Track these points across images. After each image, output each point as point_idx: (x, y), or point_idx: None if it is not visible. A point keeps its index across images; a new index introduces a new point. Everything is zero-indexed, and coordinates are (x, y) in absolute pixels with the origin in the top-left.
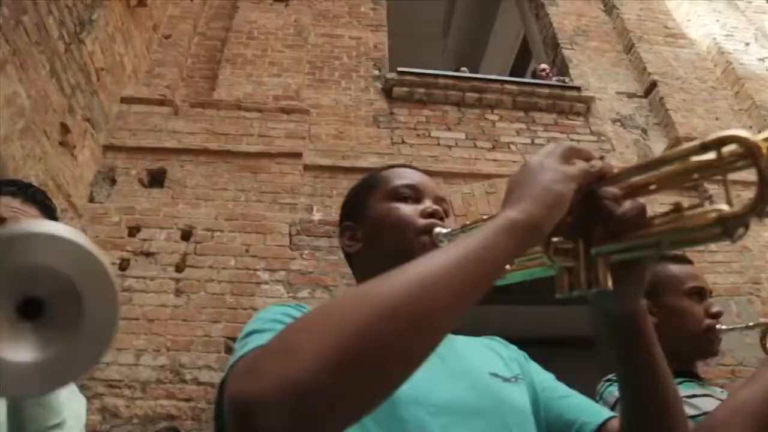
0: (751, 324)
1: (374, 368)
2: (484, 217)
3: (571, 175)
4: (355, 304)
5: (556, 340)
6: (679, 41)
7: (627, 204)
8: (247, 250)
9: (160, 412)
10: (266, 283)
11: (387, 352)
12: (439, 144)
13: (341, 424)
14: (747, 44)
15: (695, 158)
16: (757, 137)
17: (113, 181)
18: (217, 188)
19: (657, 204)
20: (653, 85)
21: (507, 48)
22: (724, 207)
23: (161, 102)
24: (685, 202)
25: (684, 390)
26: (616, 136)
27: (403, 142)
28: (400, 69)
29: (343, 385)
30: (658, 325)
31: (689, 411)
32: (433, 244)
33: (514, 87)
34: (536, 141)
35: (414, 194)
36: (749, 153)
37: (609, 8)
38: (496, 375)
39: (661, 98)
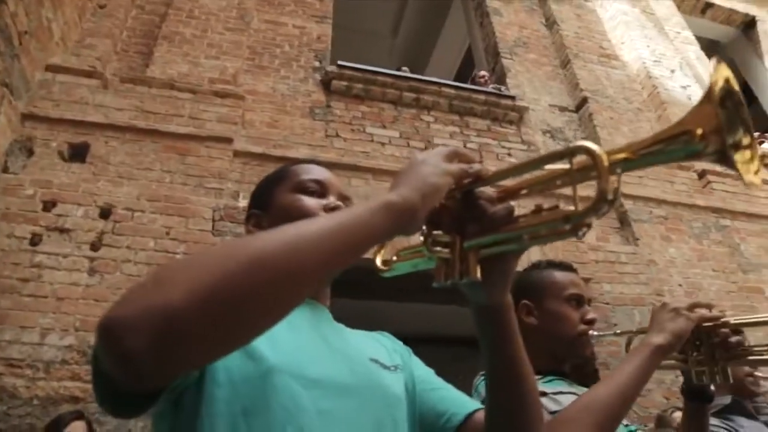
0: (618, 332)
1: (238, 309)
2: None
3: (448, 171)
4: (232, 249)
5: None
6: (611, 62)
7: (499, 204)
8: (167, 233)
9: (64, 394)
10: None
11: (252, 297)
12: (372, 140)
13: (199, 356)
14: (672, 71)
15: (553, 166)
16: (602, 150)
17: (30, 152)
18: (142, 167)
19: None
20: (584, 101)
21: (453, 53)
22: (571, 208)
23: (90, 74)
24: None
25: (552, 387)
26: (545, 147)
27: (337, 135)
28: (340, 63)
29: (208, 318)
30: (538, 326)
31: (552, 406)
32: None
33: (452, 91)
34: (468, 145)
35: (320, 189)
36: (594, 162)
37: (550, 23)
38: (376, 361)
39: (590, 114)
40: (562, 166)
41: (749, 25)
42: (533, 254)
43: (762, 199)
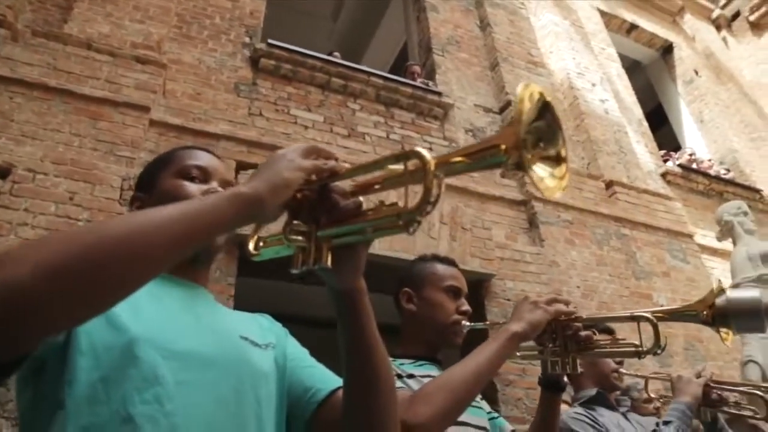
0: (488, 323)
1: (79, 285)
2: None
3: (301, 167)
4: (84, 231)
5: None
6: (538, 69)
7: (351, 199)
8: (71, 198)
9: None
10: None
11: (91, 275)
12: (296, 123)
13: (44, 327)
14: (594, 85)
15: (392, 166)
16: (430, 156)
17: None
18: (49, 128)
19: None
20: (508, 104)
21: (391, 45)
22: (402, 204)
23: None
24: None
25: (422, 370)
26: (465, 144)
27: (261, 114)
28: (270, 41)
29: (51, 293)
30: (416, 312)
31: (417, 386)
32: None
33: (380, 81)
34: (391, 136)
35: (201, 175)
36: (422, 166)
37: (484, 25)
38: (246, 339)
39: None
40: (398, 167)
41: (667, 50)
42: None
43: (660, 213)
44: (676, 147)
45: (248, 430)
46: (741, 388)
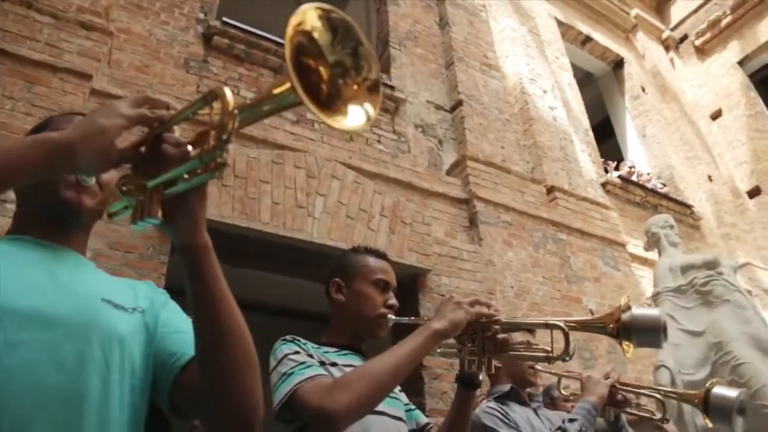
0: (413, 318)
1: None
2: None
3: (121, 114)
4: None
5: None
6: (492, 72)
7: (180, 148)
8: None
9: None
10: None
11: None
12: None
13: None
14: (545, 92)
15: (200, 110)
16: (232, 100)
17: None
18: None
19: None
20: (459, 103)
21: None
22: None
23: None
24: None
25: (346, 359)
26: (414, 140)
27: None
28: (225, 19)
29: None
30: (344, 303)
31: (338, 374)
32: None
33: None
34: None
35: None
36: (222, 105)
37: (443, 23)
38: (109, 301)
39: (462, 117)
40: (203, 109)
41: (619, 64)
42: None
43: (597, 221)
44: (619, 159)
45: (90, 394)
46: (643, 391)
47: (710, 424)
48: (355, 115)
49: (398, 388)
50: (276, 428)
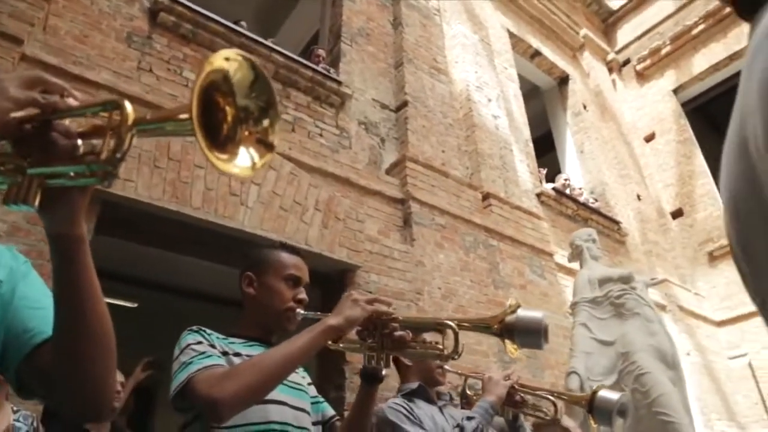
0: (320, 313)
1: None
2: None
3: (9, 97)
4: None
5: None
6: (440, 76)
7: (71, 140)
8: None
9: None
10: None
11: None
12: (187, 86)
13: None
14: (490, 100)
15: (102, 114)
16: (131, 109)
17: None
18: None
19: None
20: (404, 104)
21: (307, 26)
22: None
23: None
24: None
25: (251, 350)
26: (357, 137)
27: (150, 70)
28: None
29: None
30: (255, 296)
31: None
32: None
33: (280, 58)
34: (283, 116)
35: None
36: (121, 118)
37: (396, 23)
38: None
39: (407, 118)
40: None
41: (564, 80)
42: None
43: (528, 229)
44: (557, 172)
45: None
46: (538, 393)
47: (593, 424)
48: (243, 160)
49: (307, 381)
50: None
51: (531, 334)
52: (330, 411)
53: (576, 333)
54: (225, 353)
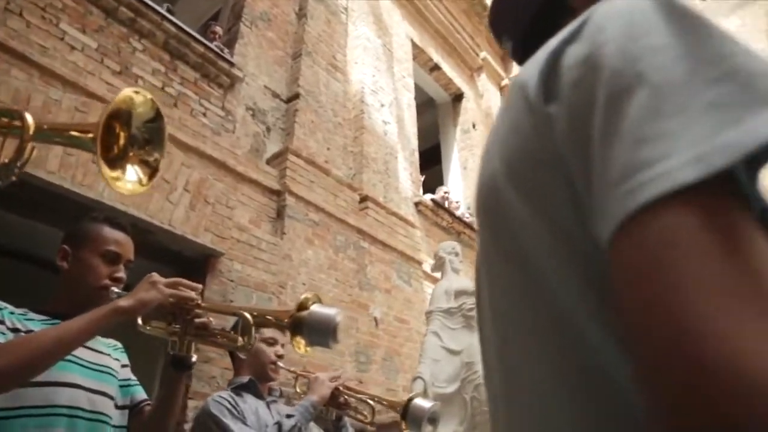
0: (125, 292)
1: None
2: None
3: None
4: None
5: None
6: (337, 74)
7: None
8: None
9: None
10: None
11: None
12: (62, 39)
13: None
14: (382, 105)
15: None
16: (32, 121)
17: None
18: None
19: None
20: (296, 96)
21: (210, 1)
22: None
23: None
24: None
25: (40, 327)
26: (242, 122)
27: (20, 14)
28: None
29: None
30: (68, 271)
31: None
32: None
33: (172, 28)
34: (167, 89)
35: None
36: (22, 128)
37: (301, 14)
38: None
39: (296, 110)
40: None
41: (458, 98)
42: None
43: (400, 236)
44: (441, 184)
45: None
46: (360, 396)
47: (404, 429)
48: (131, 177)
49: (121, 363)
50: None
51: (320, 332)
52: (140, 395)
53: (427, 340)
54: (16, 329)
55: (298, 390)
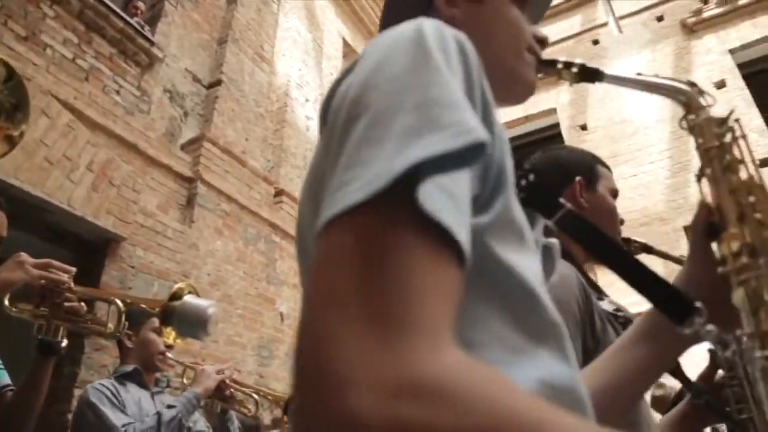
0: None
1: None
2: None
3: None
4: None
5: None
6: (263, 64)
7: None
8: None
9: None
10: None
11: None
12: None
13: None
14: (307, 101)
15: None
16: None
17: None
18: None
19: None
20: (218, 82)
21: None
22: None
23: None
24: None
25: None
26: (158, 104)
27: None
28: None
29: None
30: None
31: None
32: None
33: None
34: (78, 61)
35: None
36: None
37: (231, 0)
38: None
39: (216, 97)
40: None
41: None
42: None
43: None
44: None
45: None
46: (245, 390)
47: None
48: None
49: None
50: None
51: (191, 324)
52: (4, 380)
53: None
54: None
55: (185, 381)
